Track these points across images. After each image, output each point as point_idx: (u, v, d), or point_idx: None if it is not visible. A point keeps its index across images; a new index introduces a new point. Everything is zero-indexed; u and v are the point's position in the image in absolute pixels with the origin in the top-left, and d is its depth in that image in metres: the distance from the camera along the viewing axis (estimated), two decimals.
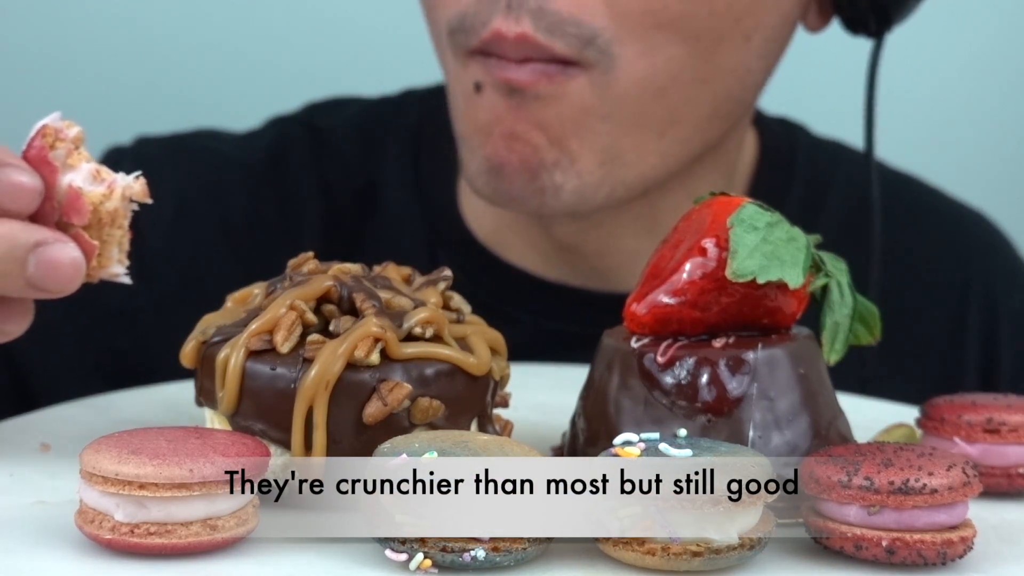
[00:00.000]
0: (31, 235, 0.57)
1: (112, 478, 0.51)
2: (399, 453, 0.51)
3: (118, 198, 0.58)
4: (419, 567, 0.50)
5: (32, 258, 0.57)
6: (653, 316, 0.61)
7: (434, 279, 0.65)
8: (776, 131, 1.01)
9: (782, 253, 0.60)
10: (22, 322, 0.61)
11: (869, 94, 0.93)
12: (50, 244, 0.57)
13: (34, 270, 0.57)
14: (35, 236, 0.57)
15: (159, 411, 0.72)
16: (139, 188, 0.59)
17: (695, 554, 0.51)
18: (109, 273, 0.59)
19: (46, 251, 0.57)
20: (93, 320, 0.93)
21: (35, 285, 0.57)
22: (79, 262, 0.58)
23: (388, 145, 1.00)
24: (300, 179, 0.99)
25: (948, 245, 1.02)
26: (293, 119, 1.03)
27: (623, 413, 0.61)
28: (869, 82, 0.93)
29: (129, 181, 0.58)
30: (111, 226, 0.58)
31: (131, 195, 0.58)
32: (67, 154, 0.58)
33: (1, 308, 0.59)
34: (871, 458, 0.54)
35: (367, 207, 0.99)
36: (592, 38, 0.78)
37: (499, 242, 0.96)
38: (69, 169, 0.58)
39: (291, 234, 0.97)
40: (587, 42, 0.78)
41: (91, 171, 0.58)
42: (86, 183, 0.58)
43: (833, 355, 0.62)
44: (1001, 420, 0.63)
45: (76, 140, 0.58)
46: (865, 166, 0.96)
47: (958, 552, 0.53)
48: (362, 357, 0.57)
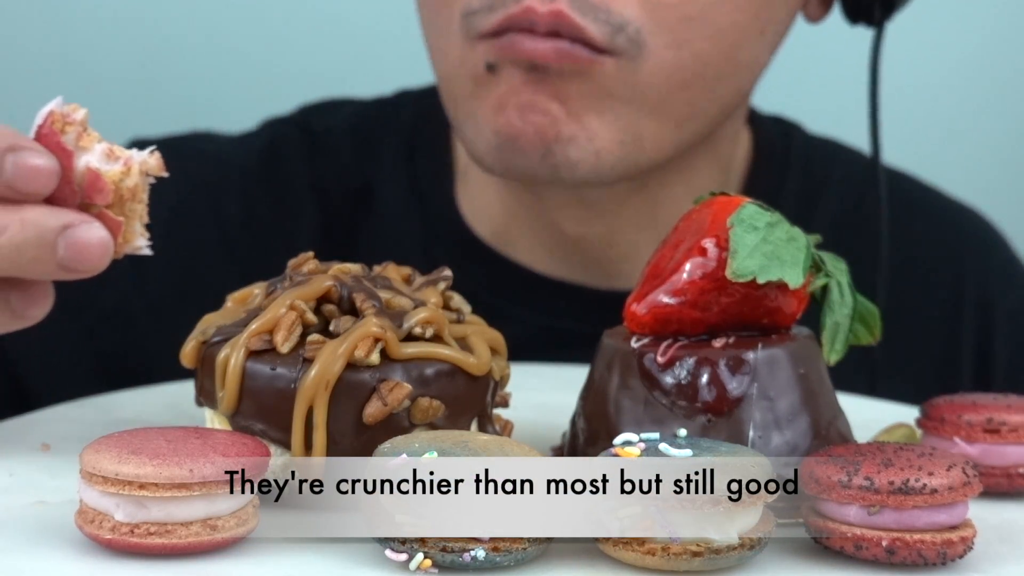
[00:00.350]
0: (58, 219, 0.58)
1: (112, 478, 0.51)
2: (399, 453, 0.51)
3: (136, 174, 0.59)
4: (419, 567, 0.50)
5: (61, 241, 0.58)
6: (653, 316, 0.61)
7: (434, 279, 0.65)
8: (771, 129, 1.01)
9: (782, 253, 0.60)
10: (44, 306, 0.62)
11: (872, 86, 0.93)
12: (77, 226, 0.58)
13: (64, 252, 0.58)
14: (62, 219, 0.58)
15: (159, 411, 0.72)
16: (155, 162, 0.60)
17: (695, 554, 0.51)
18: (132, 247, 0.60)
19: (74, 233, 0.58)
20: (90, 322, 0.93)
21: (66, 267, 0.59)
22: (107, 241, 0.59)
23: (383, 146, 1.00)
24: (295, 180, 0.99)
25: (943, 243, 1.02)
26: (287, 120, 1.03)
27: (623, 413, 0.61)
28: (872, 74, 0.93)
29: (144, 156, 0.60)
30: (132, 201, 0.60)
31: (147, 170, 0.60)
32: (78, 137, 0.59)
33: (25, 293, 0.61)
34: (871, 458, 0.54)
35: (362, 208, 0.99)
36: (623, 26, 0.79)
37: (502, 239, 0.96)
38: (83, 151, 0.59)
39: (286, 235, 0.98)
40: (618, 29, 0.79)
41: (104, 151, 0.59)
42: (102, 163, 0.59)
43: (833, 355, 0.62)
44: (1001, 420, 0.63)
45: (83, 122, 0.59)
46: (863, 164, 0.96)
47: (958, 552, 0.53)
48: (362, 357, 0.57)
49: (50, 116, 0.58)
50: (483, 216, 0.96)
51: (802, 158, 1.00)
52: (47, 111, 0.59)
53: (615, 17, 0.79)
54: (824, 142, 1.04)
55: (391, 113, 1.02)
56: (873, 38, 0.93)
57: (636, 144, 0.83)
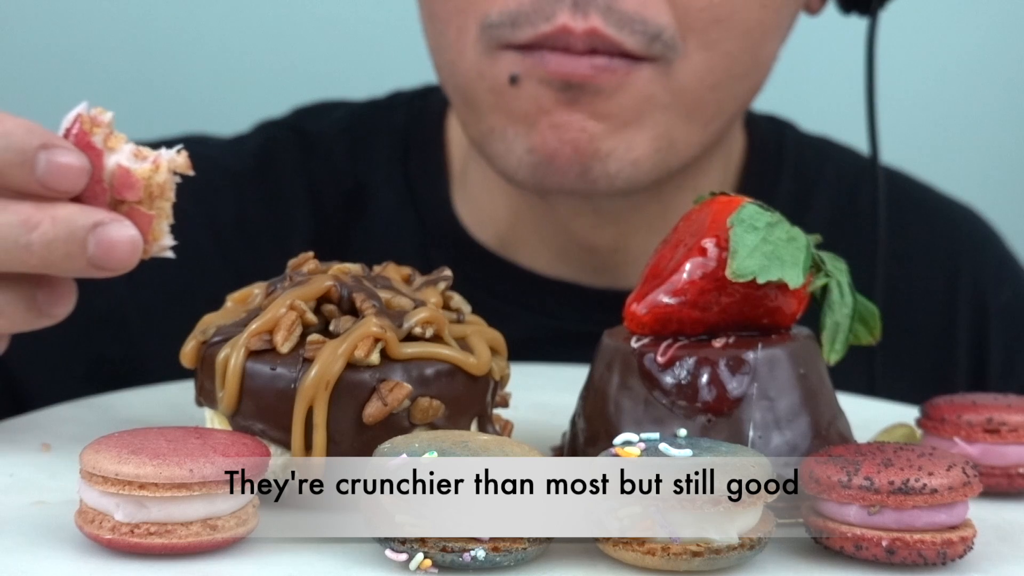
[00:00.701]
0: (89, 217, 0.59)
1: (112, 478, 0.51)
2: (399, 453, 0.51)
3: (165, 171, 0.61)
4: (419, 567, 0.50)
5: (92, 238, 0.59)
6: (653, 316, 0.61)
7: (434, 279, 0.65)
8: (765, 128, 1.01)
9: (782, 253, 0.60)
10: (69, 304, 0.63)
11: (869, 79, 0.93)
12: (107, 224, 0.60)
13: (95, 250, 0.59)
14: (93, 217, 0.59)
15: (159, 411, 0.72)
16: (182, 160, 0.61)
17: (695, 554, 0.51)
18: (159, 247, 0.62)
19: (105, 231, 0.59)
20: (84, 327, 0.92)
21: (97, 264, 0.60)
22: (136, 239, 0.60)
23: (376, 147, 1.00)
24: (289, 183, 0.99)
25: (937, 240, 1.02)
26: (281, 123, 1.04)
27: (623, 413, 0.61)
28: (868, 64, 0.93)
29: (172, 155, 0.61)
30: (160, 198, 0.61)
31: (175, 167, 0.61)
32: (105, 138, 0.61)
33: (52, 291, 0.61)
34: (871, 458, 0.54)
35: (356, 209, 0.99)
36: (658, 34, 0.79)
37: (505, 242, 0.95)
38: (111, 151, 0.60)
39: (280, 238, 0.98)
40: (654, 38, 0.79)
41: (132, 151, 0.61)
42: (131, 162, 0.60)
43: (833, 355, 0.62)
44: (1001, 420, 0.63)
45: (110, 124, 0.61)
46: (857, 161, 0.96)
47: (958, 552, 0.53)
48: (362, 357, 0.57)
49: (78, 118, 0.60)
50: (485, 219, 0.96)
51: (795, 156, 1.01)
52: (75, 114, 0.60)
53: (651, 27, 0.79)
54: (817, 140, 1.04)
55: (384, 114, 1.02)
56: (868, 28, 0.93)
57: (670, 149, 0.83)
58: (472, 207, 0.96)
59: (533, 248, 0.95)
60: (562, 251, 0.94)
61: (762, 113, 1.03)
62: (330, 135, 1.01)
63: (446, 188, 0.97)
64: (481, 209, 0.96)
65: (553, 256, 0.95)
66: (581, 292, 0.95)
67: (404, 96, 1.03)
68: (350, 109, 1.04)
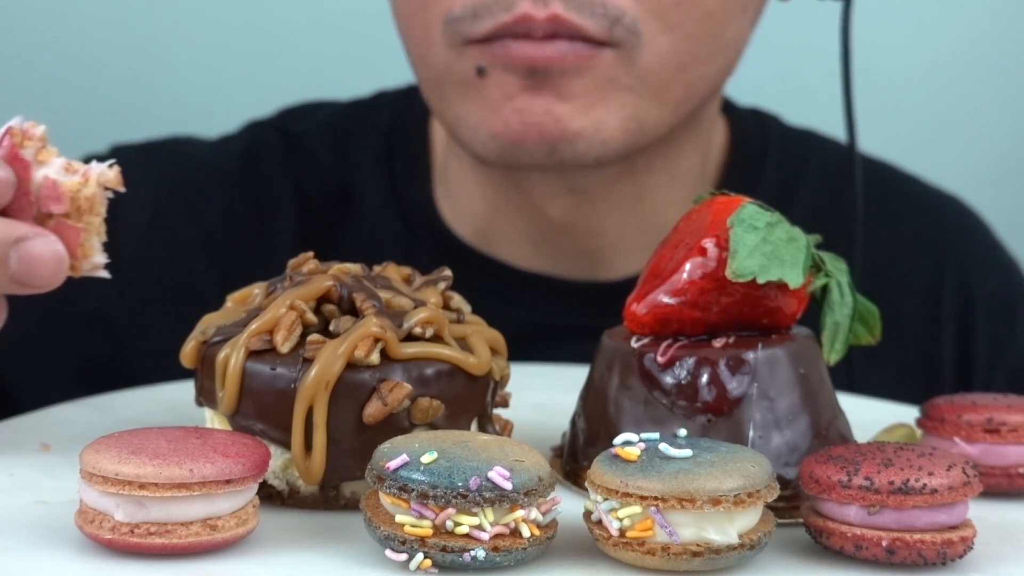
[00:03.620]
0: (11, 231, 0.57)
1: (112, 478, 0.51)
2: (399, 453, 0.51)
3: (94, 184, 0.59)
4: (419, 567, 0.50)
5: (14, 254, 0.57)
6: (653, 316, 0.61)
7: (434, 279, 0.65)
8: (748, 120, 1.02)
9: (782, 253, 0.60)
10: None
11: (845, 64, 0.93)
12: (31, 239, 0.58)
13: (16, 266, 0.57)
14: (15, 232, 0.57)
15: (159, 411, 0.72)
16: (113, 175, 0.60)
17: (695, 554, 0.51)
18: (91, 264, 0.60)
19: (27, 246, 0.57)
20: (71, 328, 0.93)
21: (19, 281, 0.58)
22: (61, 255, 0.58)
23: (361, 147, 1.01)
24: (274, 183, 1.00)
25: (923, 230, 1.02)
26: (266, 124, 1.04)
27: (623, 413, 0.61)
28: (844, 48, 0.92)
29: (103, 168, 0.60)
30: (89, 213, 0.59)
31: (105, 182, 0.60)
32: (36, 151, 0.59)
33: None
34: (871, 458, 0.54)
35: (342, 209, 0.99)
36: (619, 17, 0.81)
37: (485, 236, 0.96)
38: (41, 164, 0.59)
39: (266, 238, 0.98)
40: (614, 21, 0.81)
41: (63, 164, 0.59)
42: (60, 175, 0.59)
43: (833, 355, 0.62)
44: (1001, 420, 0.63)
45: (42, 138, 0.59)
46: (841, 153, 0.96)
47: (958, 552, 0.53)
48: (362, 357, 0.57)
49: (8, 132, 0.59)
50: (464, 214, 0.97)
51: (779, 148, 1.01)
52: (5, 128, 0.59)
53: (611, 10, 0.80)
54: (801, 132, 1.05)
55: (369, 114, 1.03)
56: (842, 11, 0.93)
57: (640, 130, 0.85)
58: (452, 202, 0.97)
59: (512, 239, 0.95)
60: (540, 240, 0.95)
61: (746, 106, 1.03)
62: (315, 135, 1.02)
63: (429, 187, 0.98)
64: (460, 203, 0.97)
65: (532, 247, 0.95)
66: (561, 286, 0.95)
67: (388, 96, 1.04)
68: (335, 109, 1.05)
